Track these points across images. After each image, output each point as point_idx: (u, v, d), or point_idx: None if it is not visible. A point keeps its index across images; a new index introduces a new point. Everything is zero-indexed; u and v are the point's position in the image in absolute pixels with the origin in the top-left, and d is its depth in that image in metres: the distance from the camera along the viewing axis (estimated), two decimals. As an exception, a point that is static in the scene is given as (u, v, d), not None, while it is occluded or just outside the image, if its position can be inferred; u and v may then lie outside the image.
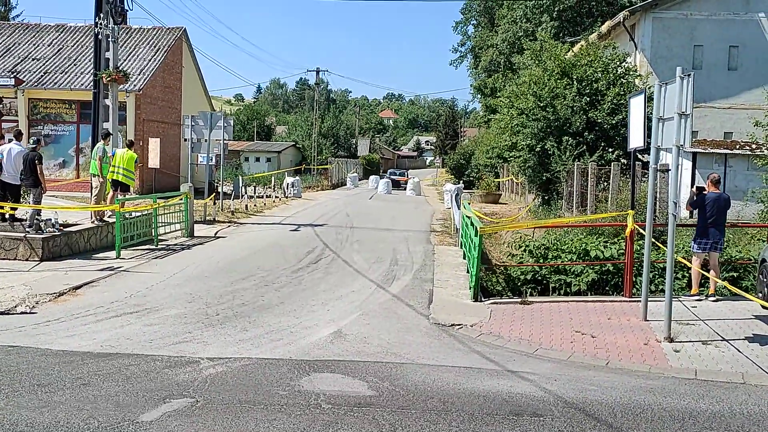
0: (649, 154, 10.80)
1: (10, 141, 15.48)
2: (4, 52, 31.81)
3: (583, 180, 19.83)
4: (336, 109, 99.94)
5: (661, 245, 12.15)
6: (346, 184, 54.46)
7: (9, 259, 14.14)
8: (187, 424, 6.14)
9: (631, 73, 23.54)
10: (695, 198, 11.78)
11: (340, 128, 76.38)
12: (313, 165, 55.15)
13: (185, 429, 6.01)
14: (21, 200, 15.53)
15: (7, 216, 15.09)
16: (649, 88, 14.98)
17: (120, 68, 19.93)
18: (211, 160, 24.88)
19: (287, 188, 37.07)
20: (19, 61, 31.03)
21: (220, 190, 26.27)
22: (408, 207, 34.17)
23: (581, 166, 20.34)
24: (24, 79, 28.30)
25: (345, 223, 24.13)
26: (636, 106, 11.57)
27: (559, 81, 22.72)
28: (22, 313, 10.27)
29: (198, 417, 6.32)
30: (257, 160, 54.79)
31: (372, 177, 55.80)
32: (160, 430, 5.99)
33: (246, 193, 29.95)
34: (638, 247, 12.36)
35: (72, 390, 6.98)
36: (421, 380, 7.58)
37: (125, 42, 31.23)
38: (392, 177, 56.31)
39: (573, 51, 26.63)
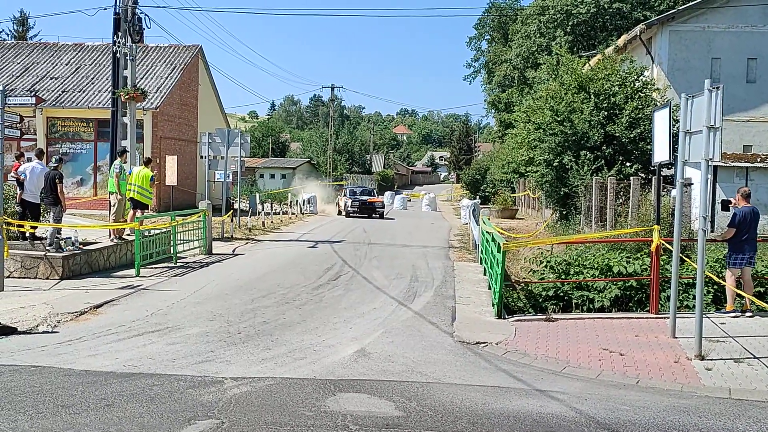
0: (670, 168, 10.67)
1: (30, 160, 15.53)
2: (23, 72, 32.07)
3: (602, 194, 19.67)
4: (350, 125, 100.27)
5: (687, 260, 11.97)
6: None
7: (30, 278, 14.13)
8: (213, 446, 6.04)
9: (649, 86, 23.40)
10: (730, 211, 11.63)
11: (355, 144, 76.51)
12: (328, 181, 55.18)
13: (212, 451, 5.90)
14: (41, 219, 15.54)
15: (27, 234, 15.11)
16: (672, 101, 14.86)
17: (138, 86, 20.01)
18: (228, 177, 24.89)
19: (303, 204, 37.08)
20: (38, 80, 31.27)
21: (237, 207, 26.27)
22: (424, 222, 34.07)
23: (599, 180, 20.18)
24: (43, 98, 28.49)
25: (362, 239, 24.05)
26: (661, 119, 11.44)
27: (576, 95, 22.61)
28: (44, 332, 10.22)
29: (224, 439, 6.21)
30: (272, 176, 54.95)
31: (387, 193, 55.72)
32: (187, 452, 5.89)
33: (263, 209, 29.95)
34: (662, 263, 12.20)
35: (96, 411, 6.89)
36: (449, 400, 7.45)
37: (142, 60, 31.41)
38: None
39: (589, 65, 26.53)
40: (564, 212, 24.78)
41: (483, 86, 71.45)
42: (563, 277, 13.84)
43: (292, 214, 34.07)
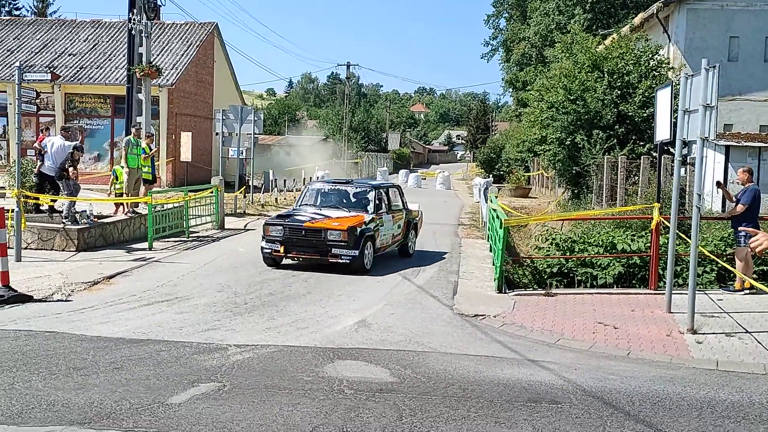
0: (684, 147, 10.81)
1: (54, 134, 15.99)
2: (42, 48, 32.46)
3: (613, 174, 19.77)
4: (367, 103, 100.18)
5: (687, 239, 12.13)
6: (376, 179, 54.60)
7: (46, 249, 14.53)
8: (214, 406, 6.35)
9: (664, 65, 23.35)
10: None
11: (371, 122, 76.48)
12: (344, 159, 55.42)
13: (212, 411, 6.22)
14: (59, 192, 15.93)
15: (46, 207, 15.52)
16: (676, 79, 14.93)
17: (153, 63, 20.31)
18: (242, 153, 25.19)
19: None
20: (56, 56, 31.64)
21: (250, 183, 26.57)
22: (437, 201, 34.21)
23: (611, 159, 20.27)
24: (60, 74, 28.86)
25: (374, 216, 24.26)
26: (663, 98, 11.57)
27: (589, 74, 22.62)
28: (58, 300, 10.59)
29: (225, 400, 6.53)
30: (288, 153, 55.18)
31: (402, 171, 55.83)
32: (189, 412, 6.20)
33: (276, 186, 30.25)
34: (664, 240, 12.37)
35: (106, 373, 7.23)
36: (443, 368, 7.73)
37: (158, 37, 31.67)
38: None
39: (604, 44, 26.47)
40: (576, 191, 24.88)
41: (501, 65, 71.06)
42: (568, 253, 14.03)
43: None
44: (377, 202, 14.17)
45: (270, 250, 13.39)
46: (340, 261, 12.98)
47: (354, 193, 14.54)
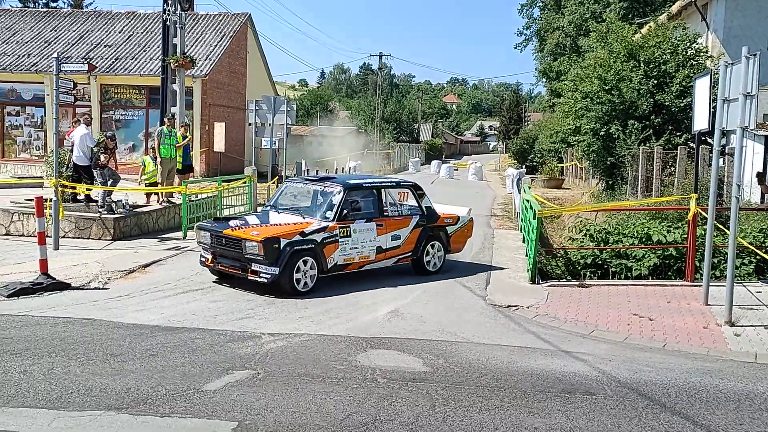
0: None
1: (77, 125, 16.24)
2: (78, 40, 32.84)
3: (649, 164, 19.51)
4: (399, 93, 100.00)
5: (725, 230, 11.95)
6: (408, 169, 54.58)
7: (83, 238, 14.74)
8: (248, 393, 6.41)
9: (702, 54, 22.96)
10: None
11: (403, 113, 76.35)
12: (376, 149, 55.40)
13: (247, 398, 6.27)
14: (94, 182, 16.15)
15: (82, 197, 15.75)
16: (715, 68, 14.67)
17: (187, 54, 20.44)
18: (275, 144, 25.27)
19: (349, 172, 37.41)
20: (92, 47, 31.99)
21: (283, 173, 26.67)
22: (470, 192, 34.10)
23: (647, 150, 20.01)
24: (96, 65, 29.14)
25: (406, 207, 24.25)
26: (701, 87, 11.39)
27: (625, 63, 22.32)
28: (95, 288, 10.74)
29: (259, 387, 6.58)
30: (320, 144, 55.33)
31: (434, 162, 55.71)
32: (224, 398, 6.27)
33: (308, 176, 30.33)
34: (701, 232, 12.19)
35: (142, 360, 7.33)
36: (476, 358, 7.71)
37: (192, 28, 31.87)
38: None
39: (641, 33, 26.10)
40: (610, 182, 24.61)
41: (534, 54, 70.40)
42: (602, 245, 13.90)
43: (339, 181, 34.41)
44: (343, 206, 11.19)
45: (203, 259, 11.53)
46: (258, 279, 10.49)
47: (320, 193, 11.87)
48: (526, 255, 13.71)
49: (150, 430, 5.57)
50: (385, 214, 11.81)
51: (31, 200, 15.22)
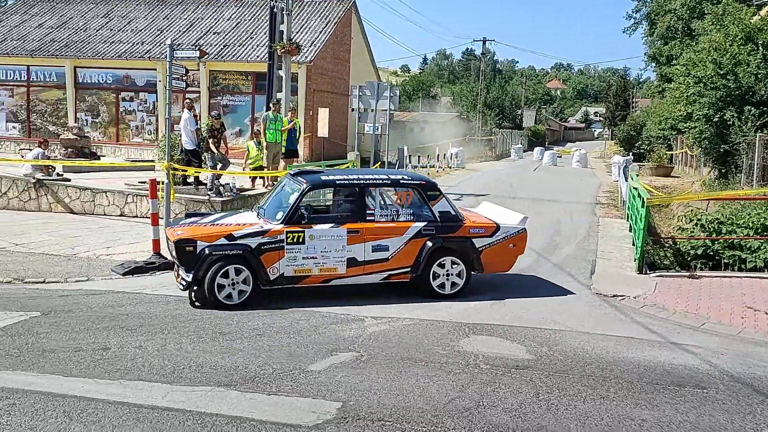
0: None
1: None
2: (189, 27, 33.92)
3: (766, 152, 18.61)
4: (502, 79, 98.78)
5: None
6: (510, 155, 53.96)
7: (193, 220, 15.26)
8: (352, 375, 6.51)
9: (828, 36, 21.67)
10: None
11: (506, 99, 75.42)
12: (477, 136, 54.99)
13: (351, 380, 6.37)
14: (202, 165, 16.70)
15: (191, 179, 16.32)
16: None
17: (293, 40, 20.79)
18: (377, 129, 25.45)
19: (450, 158, 37.28)
20: (202, 35, 32.98)
21: (385, 159, 26.85)
22: (573, 179, 33.43)
23: (764, 137, 19.08)
24: (207, 52, 30.02)
25: (507, 194, 24.02)
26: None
27: (742, 47, 21.32)
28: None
29: (362, 369, 6.68)
30: (422, 130, 55.38)
31: (537, 148, 54.83)
32: (328, 379, 6.39)
33: (410, 162, 30.42)
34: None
35: (249, 339, 7.56)
36: (580, 347, 7.58)
37: (297, 15, 32.38)
38: None
39: (759, 15, 24.87)
40: (723, 171, 23.61)
41: (644, 39, 68.06)
42: (714, 235, 13.38)
43: (439, 167, 34.36)
44: (299, 207, 9.27)
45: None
46: (180, 285, 9.32)
47: (286, 190, 10.02)
48: (633, 244, 13.35)
49: (258, 407, 5.74)
50: (368, 218, 9.46)
51: (143, 182, 15.95)
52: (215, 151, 16.14)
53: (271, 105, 18.83)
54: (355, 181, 9.71)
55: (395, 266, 9.49)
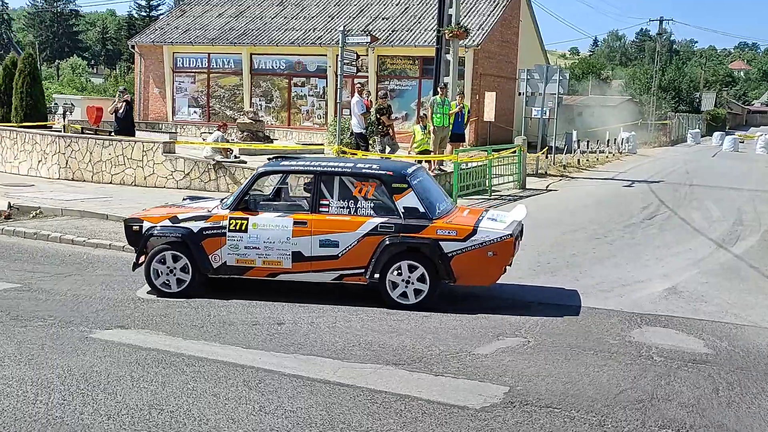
0: None
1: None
2: (358, 13, 34.64)
3: None
4: (679, 60, 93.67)
5: None
6: (686, 141, 51.33)
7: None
8: (519, 360, 6.46)
9: None
10: None
11: (683, 81, 71.58)
12: (651, 120, 52.62)
13: (517, 365, 6.33)
14: (370, 148, 17.05)
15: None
16: None
17: (461, 24, 20.74)
18: (545, 113, 24.94)
19: (621, 143, 35.96)
20: (371, 20, 33.60)
21: (552, 144, 26.29)
22: (757, 166, 31.33)
23: None
24: (378, 38, 30.55)
25: (683, 181, 22.90)
26: None
27: None
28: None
29: (529, 355, 6.61)
30: (591, 114, 53.75)
31: (716, 133, 51.74)
32: (495, 363, 6.38)
33: (579, 147, 29.64)
34: None
35: (416, 320, 7.68)
36: (765, 343, 7.14)
37: (466, -1, 32.26)
38: None
39: None
40: None
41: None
42: None
43: (609, 153, 33.23)
44: (249, 192, 8.58)
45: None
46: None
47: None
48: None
49: (425, 387, 5.81)
50: (321, 210, 8.37)
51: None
52: (389, 123, 16.22)
53: (438, 89, 18.90)
54: (310, 169, 8.76)
55: (346, 265, 8.28)
